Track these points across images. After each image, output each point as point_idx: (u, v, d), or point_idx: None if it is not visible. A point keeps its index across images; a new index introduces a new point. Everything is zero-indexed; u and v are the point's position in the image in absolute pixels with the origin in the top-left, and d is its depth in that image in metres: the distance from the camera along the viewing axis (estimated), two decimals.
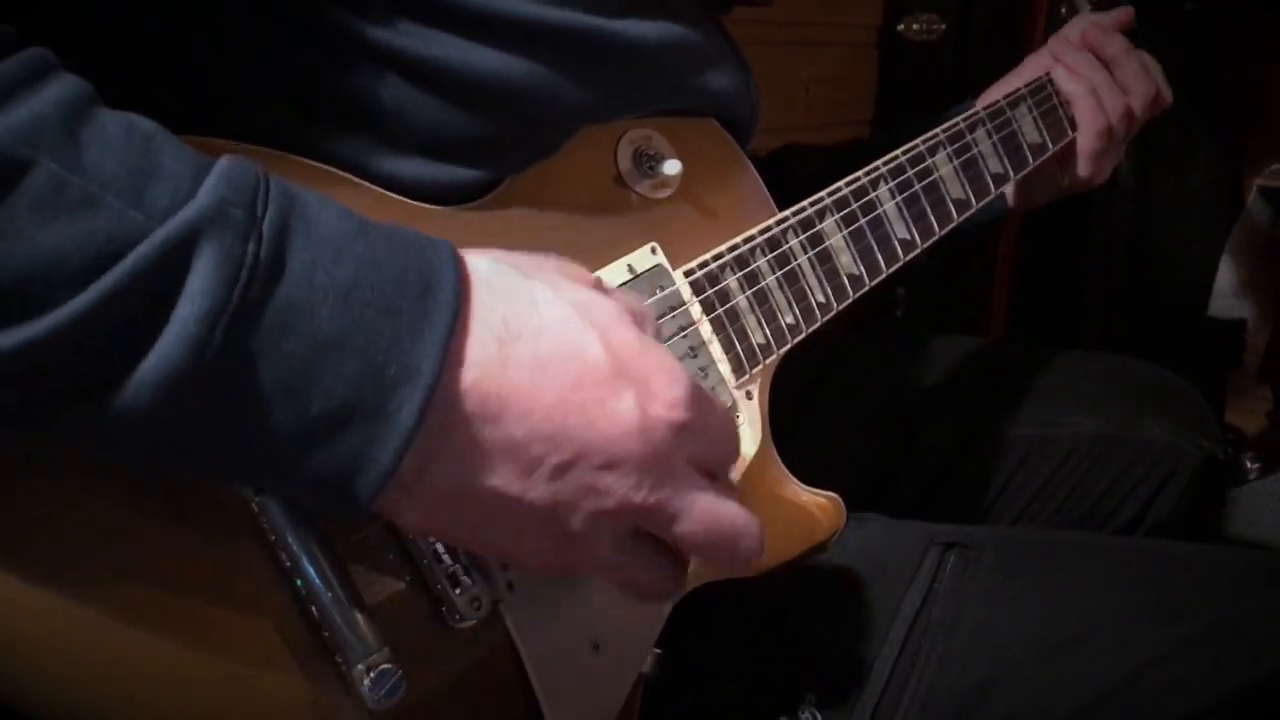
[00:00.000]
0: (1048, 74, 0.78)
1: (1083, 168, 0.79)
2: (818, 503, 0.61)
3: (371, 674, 0.40)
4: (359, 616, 0.40)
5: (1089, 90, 0.78)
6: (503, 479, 0.36)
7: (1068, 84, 0.78)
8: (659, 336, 0.41)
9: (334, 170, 0.45)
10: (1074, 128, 0.79)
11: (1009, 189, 0.84)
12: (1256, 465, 1.45)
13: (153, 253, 0.30)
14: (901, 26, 1.41)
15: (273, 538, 0.40)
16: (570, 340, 0.36)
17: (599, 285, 0.40)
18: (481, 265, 0.37)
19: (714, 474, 0.40)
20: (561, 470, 0.36)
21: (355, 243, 0.34)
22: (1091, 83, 0.78)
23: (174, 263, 0.31)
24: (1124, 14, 0.84)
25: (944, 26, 1.39)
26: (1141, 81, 0.81)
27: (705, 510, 0.39)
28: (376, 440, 0.33)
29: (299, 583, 0.40)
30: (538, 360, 0.35)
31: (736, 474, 0.56)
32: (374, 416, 0.33)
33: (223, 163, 0.33)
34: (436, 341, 0.34)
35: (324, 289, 0.33)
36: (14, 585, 0.35)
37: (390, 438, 0.33)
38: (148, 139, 0.32)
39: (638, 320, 0.40)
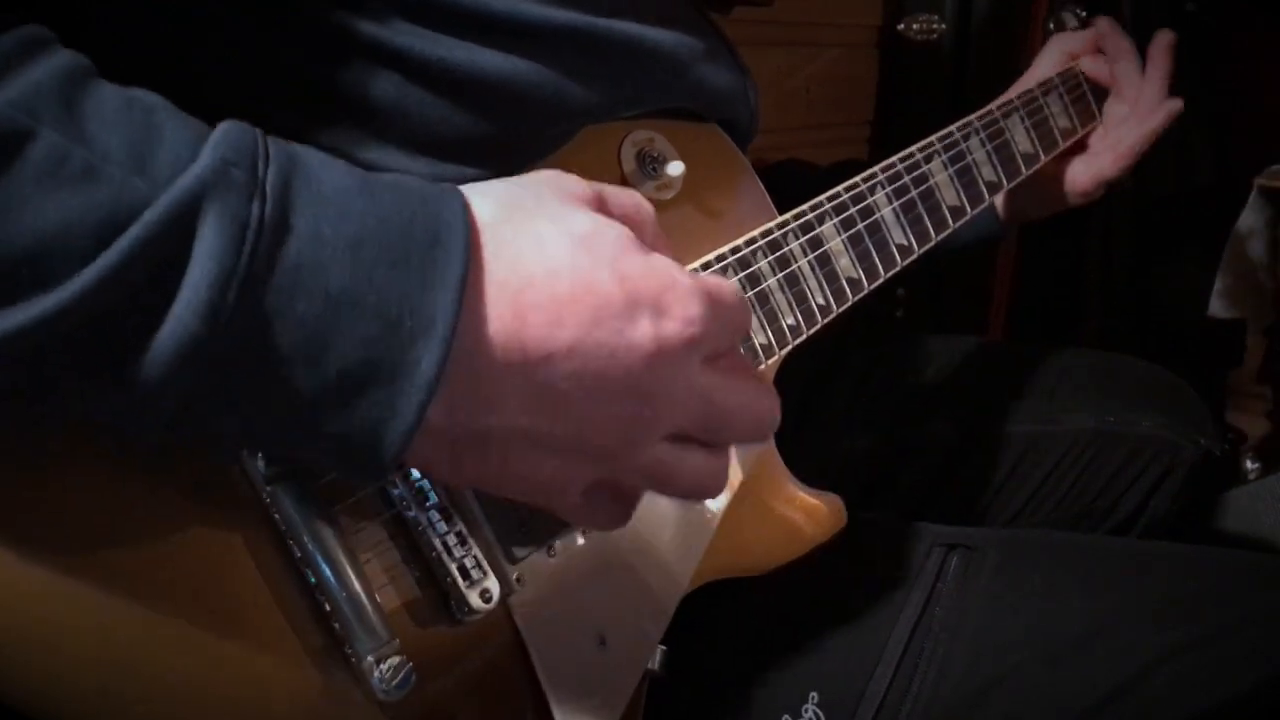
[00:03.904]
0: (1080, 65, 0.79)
1: (1077, 183, 0.81)
2: (819, 504, 0.62)
3: (381, 666, 0.40)
4: (369, 608, 0.41)
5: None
6: (531, 419, 0.36)
7: (1115, 106, 0.80)
8: (657, 237, 0.42)
9: None
10: (1064, 139, 0.79)
11: (998, 202, 0.85)
12: (1256, 465, 1.45)
13: (157, 220, 0.30)
14: (901, 26, 1.41)
15: (284, 528, 0.40)
16: (582, 277, 0.36)
17: (599, 200, 0.40)
18: (486, 212, 0.36)
19: (729, 352, 0.41)
20: (587, 403, 0.36)
21: (359, 197, 0.34)
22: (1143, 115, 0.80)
23: (180, 228, 0.30)
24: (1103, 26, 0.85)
25: (944, 26, 1.40)
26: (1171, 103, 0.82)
27: (733, 403, 0.40)
28: (398, 396, 0.33)
29: (309, 574, 0.40)
30: (553, 302, 0.35)
31: (737, 477, 0.57)
32: (394, 372, 0.33)
33: (222, 127, 0.33)
34: (450, 293, 0.33)
35: (331, 246, 0.32)
36: (19, 576, 0.35)
37: (412, 393, 0.33)
38: (148, 110, 0.32)
39: (639, 229, 0.40)
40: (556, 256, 0.36)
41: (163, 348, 0.30)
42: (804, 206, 0.59)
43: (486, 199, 0.37)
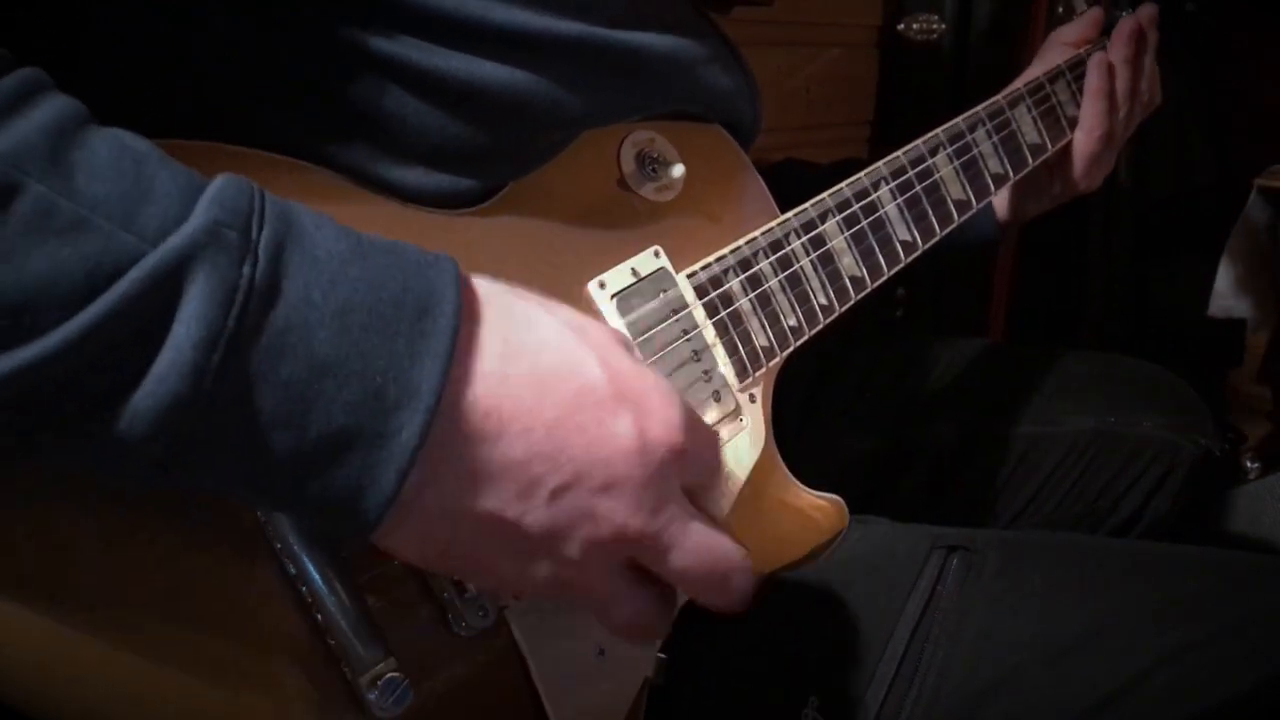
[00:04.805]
0: (1081, 55, 0.78)
1: (1078, 169, 0.79)
2: (820, 505, 0.61)
3: (378, 683, 0.40)
4: (365, 625, 0.40)
5: (1107, 93, 0.78)
6: (502, 500, 0.35)
7: (1096, 77, 0.77)
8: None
9: (337, 177, 0.45)
10: (1072, 128, 0.79)
11: (999, 202, 0.85)
12: (1256, 465, 1.46)
13: (145, 277, 0.30)
14: (901, 26, 1.41)
15: (278, 545, 0.40)
16: (569, 359, 0.36)
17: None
18: (485, 286, 0.37)
19: (701, 502, 0.40)
20: (560, 492, 0.36)
21: (352, 263, 0.33)
22: (1114, 86, 0.78)
23: (168, 287, 0.30)
24: (1097, 15, 0.84)
25: (944, 26, 1.40)
26: (1153, 88, 0.81)
27: (699, 541, 0.39)
28: (378, 463, 0.33)
29: (305, 591, 0.40)
30: (538, 378, 0.35)
31: (739, 480, 0.57)
32: (375, 439, 0.33)
33: (217, 183, 0.32)
34: (436, 364, 0.33)
35: (320, 311, 0.32)
36: (20, 593, 0.35)
37: (392, 460, 0.33)
38: (139, 160, 0.32)
39: (626, 344, 0.40)
40: (546, 336, 0.36)
41: (143, 405, 0.30)
42: (806, 204, 0.59)
43: (484, 278, 0.37)
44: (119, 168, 0.31)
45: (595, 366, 0.36)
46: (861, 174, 0.62)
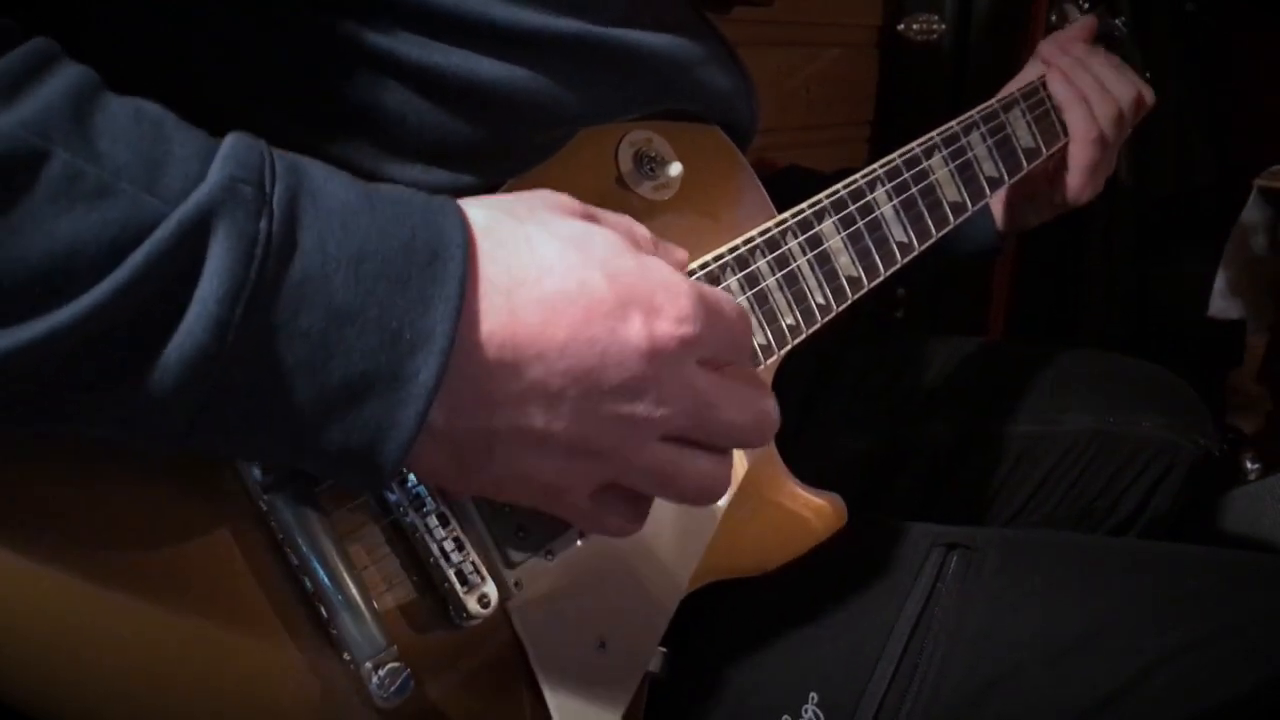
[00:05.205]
0: (1041, 78, 0.79)
1: (1076, 179, 0.79)
2: (818, 503, 0.62)
3: (379, 672, 0.40)
4: (367, 615, 0.41)
5: (1080, 98, 0.78)
6: (528, 415, 0.37)
7: (1059, 90, 0.78)
8: (654, 251, 0.43)
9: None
10: (1066, 132, 0.79)
11: (998, 211, 0.85)
12: (1257, 465, 1.45)
13: (169, 236, 0.31)
14: (901, 26, 1.41)
15: (280, 536, 0.40)
16: (574, 277, 0.37)
17: (590, 215, 0.41)
18: (480, 217, 0.38)
19: (732, 365, 0.42)
20: (582, 399, 0.37)
21: (362, 212, 0.34)
22: (1082, 90, 0.78)
23: (191, 245, 0.31)
24: (1091, 22, 0.85)
25: (944, 26, 1.40)
26: (1120, 84, 0.81)
27: (725, 410, 0.40)
28: (398, 406, 0.34)
29: (307, 581, 0.40)
30: (545, 302, 0.36)
31: (737, 477, 0.57)
32: (393, 383, 0.34)
33: (229, 141, 0.33)
34: (448, 307, 0.34)
35: (335, 261, 0.33)
36: (18, 583, 0.35)
37: (410, 402, 0.34)
38: (156, 124, 0.33)
39: (633, 240, 0.41)
40: (548, 256, 0.37)
41: (171, 360, 0.31)
42: (802, 205, 0.59)
43: (480, 207, 0.38)
44: (138, 131, 0.32)
45: (599, 280, 0.37)
46: (857, 175, 0.62)
